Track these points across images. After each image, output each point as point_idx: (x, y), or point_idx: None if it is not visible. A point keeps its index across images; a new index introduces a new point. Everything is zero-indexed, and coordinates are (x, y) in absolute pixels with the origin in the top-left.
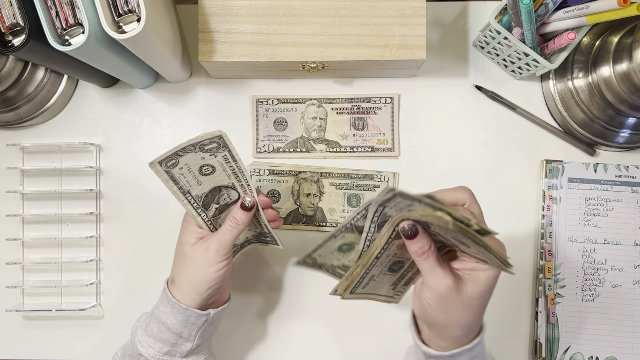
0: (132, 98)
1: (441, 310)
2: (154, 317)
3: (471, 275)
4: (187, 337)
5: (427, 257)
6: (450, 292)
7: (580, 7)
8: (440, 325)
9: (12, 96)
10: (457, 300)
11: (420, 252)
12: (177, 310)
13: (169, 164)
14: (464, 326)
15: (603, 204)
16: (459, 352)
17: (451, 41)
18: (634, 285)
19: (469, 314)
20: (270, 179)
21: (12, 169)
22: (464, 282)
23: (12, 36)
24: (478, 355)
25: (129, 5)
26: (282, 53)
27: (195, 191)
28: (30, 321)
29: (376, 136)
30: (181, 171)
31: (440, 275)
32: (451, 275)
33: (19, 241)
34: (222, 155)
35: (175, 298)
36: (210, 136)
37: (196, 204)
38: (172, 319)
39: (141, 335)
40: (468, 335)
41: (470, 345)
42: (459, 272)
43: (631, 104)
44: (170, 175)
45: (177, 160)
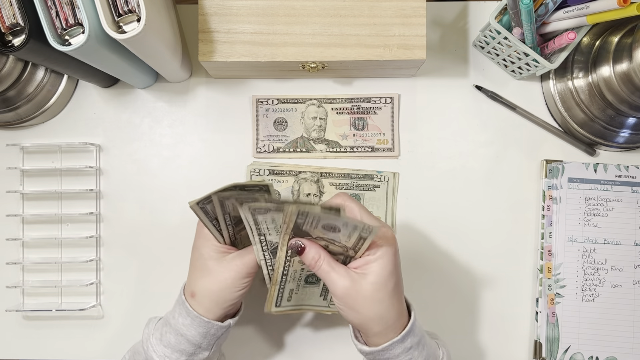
0: (132, 98)
1: (350, 311)
2: (171, 328)
3: (365, 268)
4: (206, 347)
5: (320, 265)
6: (349, 291)
7: (580, 7)
8: (358, 325)
9: (12, 96)
10: (359, 297)
11: (313, 262)
12: (199, 323)
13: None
14: (378, 320)
15: (603, 204)
16: (388, 345)
17: (451, 41)
18: (634, 285)
19: (377, 307)
20: (270, 179)
21: (12, 169)
22: (361, 278)
23: (12, 36)
24: (413, 346)
25: (129, 5)
26: (282, 53)
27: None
28: (30, 321)
29: (376, 136)
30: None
31: (336, 278)
32: (347, 276)
33: (19, 241)
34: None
35: (196, 311)
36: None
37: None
38: (192, 331)
39: (156, 345)
40: (392, 327)
41: (398, 337)
42: (355, 271)
43: (631, 104)
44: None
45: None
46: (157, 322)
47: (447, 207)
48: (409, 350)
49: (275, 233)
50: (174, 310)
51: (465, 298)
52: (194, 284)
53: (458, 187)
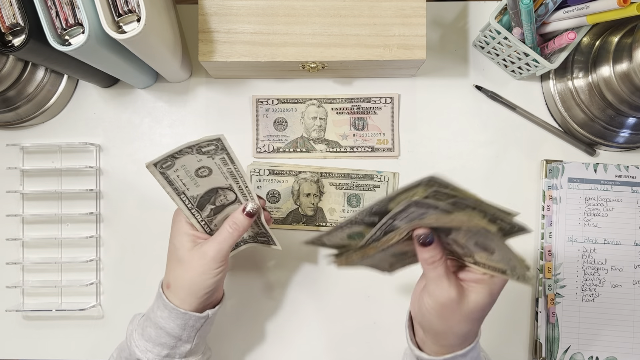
0: (132, 98)
1: (439, 319)
2: (151, 321)
3: (475, 287)
4: (186, 339)
5: (436, 267)
6: (452, 303)
7: (580, 7)
8: (436, 332)
9: (12, 96)
10: (457, 311)
11: (431, 261)
12: (176, 314)
13: (165, 165)
14: (459, 336)
15: (603, 204)
16: (451, 357)
17: (451, 41)
18: (634, 285)
19: (466, 325)
20: (270, 179)
21: (12, 169)
22: (466, 294)
23: (12, 36)
24: None
25: (129, 5)
26: (282, 53)
27: (191, 192)
28: (30, 321)
29: (376, 136)
30: (177, 173)
31: (445, 285)
32: (455, 286)
33: (19, 241)
34: (220, 157)
35: (172, 303)
36: (208, 139)
37: (190, 205)
38: (170, 323)
39: (138, 339)
40: (463, 344)
41: (463, 351)
42: (463, 283)
43: (631, 104)
44: (166, 177)
45: (173, 162)
46: (140, 317)
47: None
48: None
49: (193, 185)
50: (154, 303)
51: None
52: (169, 275)
53: None
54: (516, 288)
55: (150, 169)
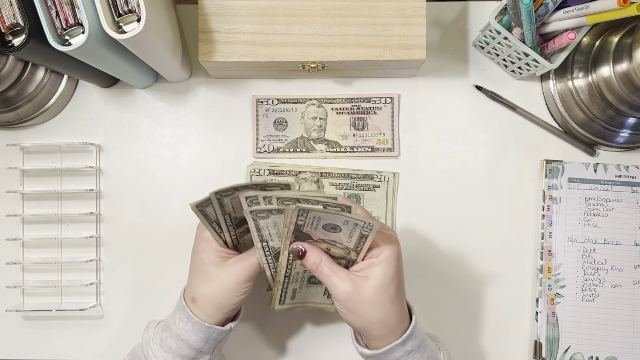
0: (132, 98)
1: (352, 315)
2: (171, 333)
3: (367, 272)
4: (207, 351)
5: (321, 269)
6: (350, 295)
7: (580, 7)
8: (359, 328)
9: (12, 96)
10: (360, 301)
11: (314, 267)
12: (200, 328)
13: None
14: (379, 324)
15: (603, 204)
16: (389, 348)
17: (451, 41)
18: (634, 285)
19: (378, 311)
20: (271, 179)
21: (12, 169)
22: (363, 282)
23: (12, 36)
24: (414, 349)
25: (129, 5)
26: (282, 53)
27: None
28: (30, 321)
29: (376, 136)
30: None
31: (337, 282)
32: (349, 279)
33: (19, 241)
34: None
35: (197, 317)
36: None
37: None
38: (193, 336)
39: (156, 349)
40: (394, 331)
41: (399, 340)
42: (357, 275)
43: (631, 104)
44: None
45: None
46: (156, 326)
47: (447, 207)
48: (410, 353)
49: (277, 238)
50: (174, 315)
51: (465, 298)
52: (195, 289)
53: (458, 187)
54: (516, 288)
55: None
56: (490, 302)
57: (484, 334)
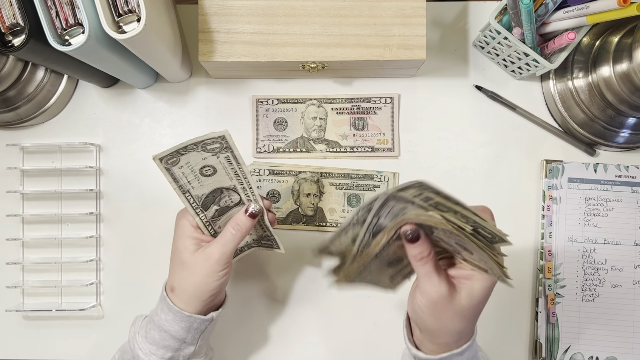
0: (132, 98)
1: (432, 316)
2: (154, 324)
3: (466, 284)
4: (190, 342)
5: (425, 263)
6: (443, 299)
7: (580, 7)
8: (430, 330)
9: (12, 96)
10: (449, 308)
11: (419, 257)
12: (180, 317)
13: (170, 161)
14: (454, 333)
15: (603, 204)
16: (447, 356)
17: (451, 41)
18: (634, 285)
19: (460, 322)
20: (270, 179)
21: (12, 169)
22: (458, 291)
23: (12, 36)
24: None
25: (129, 5)
26: (282, 53)
27: (195, 191)
28: (30, 321)
29: (376, 136)
30: (182, 170)
31: (436, 281)
32: (446, 282)
33: (19, 241)
34: (225, 156)
35: (177, 306)
36: (213, 136)
37: (195, 204)
38: (174, 326)
39: (141, 342)
40: (459, 342)
41: (459, 349)
42: (454, 280)
43: (631, 104)
44: (171, 173)
45: (178, 159)
46: (142, 320)
47: None
48: None
49: (197, 183)
50: (157, 306)
51: None
52: (173, 278)
53: (458, 187)
54: (516, 288)
55: (156, 162)
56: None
57: (483, 333)
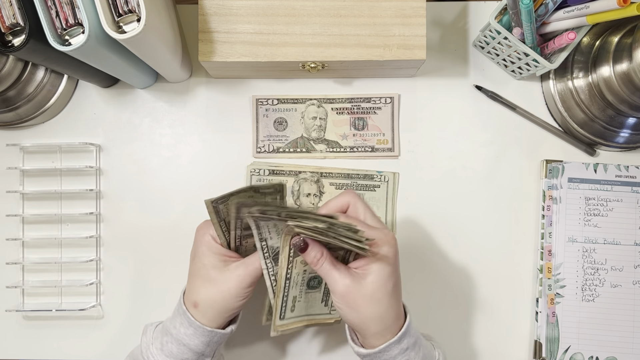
0: (132, 98)
1: (349, 310)
2: (172, 337)
3: (366, 268)
4: (209, 354)
5: (322, 264)
6: (349, 290)
7: (580, 7)
8: (356, 325)
9: (12, 96)
10: (358, 296)
11: (315, 261)
12: (202, 332)
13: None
14: (376, 320)
15: (603, 204)
16: (385, 346)
17: (451, 41)
18: (634, 285)
19: (375, 307)
20: (270, 179)
21: (12, 169)
22: (362, 278)
23: (12, 36)
24: (410, 346)
25: (129, 5)
26: (282, 53)
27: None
28: (30, 321)
29: (376, 136)
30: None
31: (337, 276)
32: (348, 274)
33: (19, 241)
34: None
35: (199, 322)
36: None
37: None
38: (195, 340)
39: (157, 354)
40: (390, 328)
41: (395, 337)
42: (357, 271)
43: (631, 104)
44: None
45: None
46: (154, 329)
47: (447, 207)
48: (406, 351)
49: (276, 236)
50: (175, 319)
51: (465, 298)
52: (196, 293)
53: (458, 187)
54: (516, 288)
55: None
56: (490, 302)
57: (483, 333)
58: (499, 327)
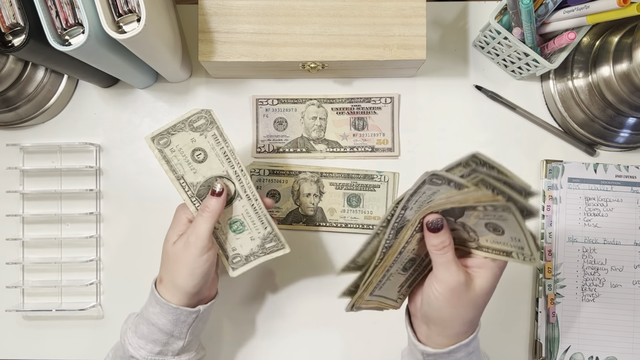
0: (132, 98)
1: (449, 305)
2: (143, 318)
3: (478, 272)
4: (178, 336)
5: (445, 252)
6: (460, 287)
7: (580, 7)
8: (444, 320)
9: (12, 96)
10: (465, 296)
11: (441, 247)
12: (167, 310)
13: (162, 141)
14: (466, 322)
15: (603, 204)
16: (456, 347)
17: (451, 41)
18: (634, 285)
19: (473, 311)
20: (270, 179)
21: (12, 169)
22: (472, 279)
23: (12, 36)
24: (474, 350)
25: (129, 5)
26: (282, 53)
27: (189, 178)
28: (30, 321)
29: (376, 136)
30: (173, 153)
31: (454, 270)
32: (463, 271)
33: (19, 241)
34: (212, 134)
35: (163, 298)
36: (197, 111)
37: (190, 192)
38: (162, 319)
39: (131, 337)
40: (467, 332)
41: (466, 340)
42: (468, 270)
43: (631, 104)
44: (163, 155)
45: (169, 139)
46: (135, 317)
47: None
48: (470, 354)
49: (190, 169)
50: (147, 301)
51: None
52: (161, 270)
53: None
54: (516, 288)
55: (147, 142)
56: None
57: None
58: (499, 327)
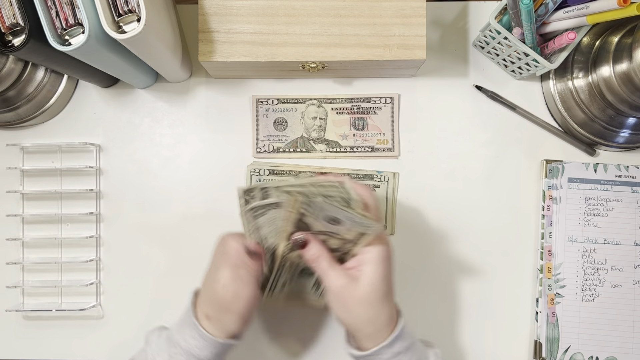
0: (132, 98)
1: (342, 310)
2: (181, 349)
3: (361, 270)
4: None
5: (319, 262)
6: (344, 289)
7: (580, 7)
8: (349, 325)
9: (12, 96)
10: (352, 296)
11: (314, 259)
12: (214, 345)
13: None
14: (368, 322)
15: (603, 204)
16: (376, 350)
17: (451, 41)
18: (634, 285)
19: (368, 309)
20: (270, 179)
21: (12, 169)
22: (357, 278)
23: (12, 36)
24: (403, 350)
25: (129, 5)
26: (282, 53)
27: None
28: (30, 321)
29: (376, 136)
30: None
31: (333, 275)
32: (343, 274)
33: (19, 241)
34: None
35: (211, 334)
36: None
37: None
38: (205, 352)
39: None
40: (382, 331)
41: (387, 341)
42: (352, 271)
43: (631, 104)
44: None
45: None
46: (158, 338)
47: (447, 207)
48: (398, 355)
49: (274, 235)
50: (183, 330)
51: (465, 298)
52: (211, 307)
53: (458, 187)
54: (516, 288)
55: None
56: (491, 302)
57: (483, 333)
58: (499, 327)
